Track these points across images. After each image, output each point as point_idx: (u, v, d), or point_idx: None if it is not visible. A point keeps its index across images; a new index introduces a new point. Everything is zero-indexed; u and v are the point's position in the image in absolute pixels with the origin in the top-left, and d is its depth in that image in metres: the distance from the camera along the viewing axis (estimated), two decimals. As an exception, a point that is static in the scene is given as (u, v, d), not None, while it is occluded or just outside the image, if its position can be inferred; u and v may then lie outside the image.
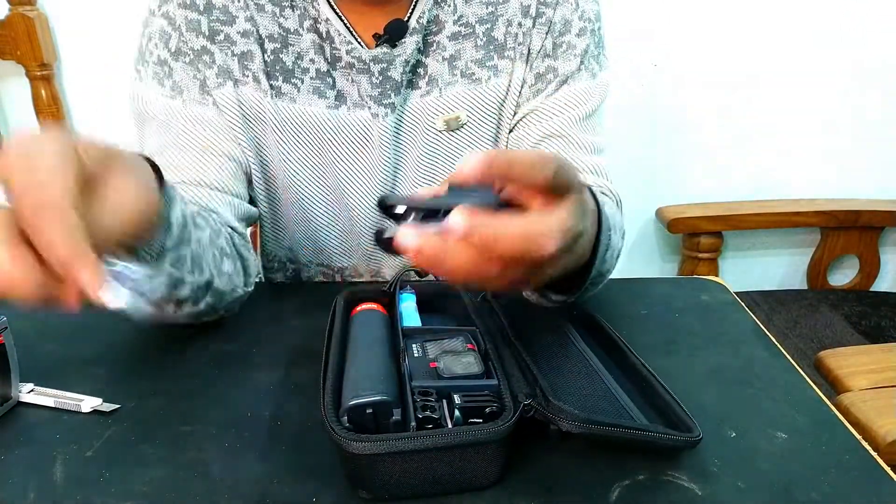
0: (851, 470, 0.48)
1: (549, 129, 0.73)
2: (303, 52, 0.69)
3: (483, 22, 0.71)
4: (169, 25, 0.67)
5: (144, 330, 0.64)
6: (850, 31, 1.51)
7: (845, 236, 1.63)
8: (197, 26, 0.67)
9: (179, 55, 0.68)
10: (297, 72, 0.70)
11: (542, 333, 0.60)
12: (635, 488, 0.46)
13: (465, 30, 0.71)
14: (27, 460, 0.48)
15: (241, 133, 0.70)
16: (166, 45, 0.68)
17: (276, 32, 0.69)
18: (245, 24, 0.68)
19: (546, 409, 0.46)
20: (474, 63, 0.72)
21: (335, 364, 0.50)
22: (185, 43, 0.67)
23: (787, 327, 1.36)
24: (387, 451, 0.42)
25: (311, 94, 0.70)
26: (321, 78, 0.70)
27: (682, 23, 1.49)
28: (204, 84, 0.68)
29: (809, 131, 1.60)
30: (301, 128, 0.72)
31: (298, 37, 0.69)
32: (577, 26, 0.72)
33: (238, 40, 0.68)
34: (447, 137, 0.74)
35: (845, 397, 0.91)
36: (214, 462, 0.48)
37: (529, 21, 0.71)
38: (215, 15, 0.68)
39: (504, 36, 0.71)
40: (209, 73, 0.68)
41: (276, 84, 0.70)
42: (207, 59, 0.68)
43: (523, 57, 0.72)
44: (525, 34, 0.71)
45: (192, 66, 0.68)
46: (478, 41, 0.71)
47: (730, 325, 0.68)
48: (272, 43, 0.69)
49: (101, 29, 1.43)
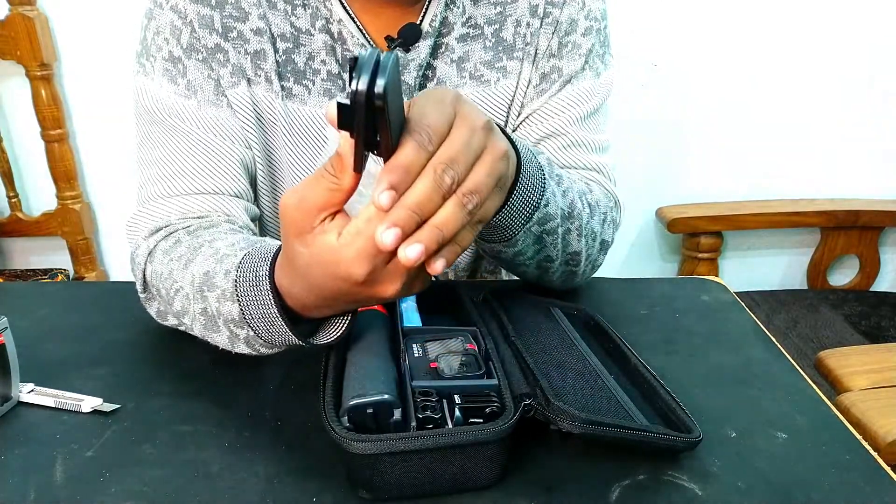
0: (851, 470, 0.48)
1: (550, 129, 0.73)
2: (314, 52, 0.68)
3: (491, 23, 0.71)
4: (179, 20, 0.65)
5: (144, 330, 0.64)
6: (850, 31, 1.51)
7: (845, 236, 1.63)
8: (210, 23, 0.65)
9: (192, 52, 0.65)
10: (308, 73, 0.69)
11: (543, 333, 0.60)
12: (635, 488, 0.46)
13: (474, 31, 0.70)
14: (27, 460, 0.48)
15: (252, 134, 0.69)
16: (178, 40, 0.65)
17: (287, 32, 0.68)
18: (258, 22, 0.67)
19: (546, 410, 0.46)
20: (483, 65, 0.71)
21: (335, 364, 0.50)
22: (198, 40, 0.65)
23: (787, 327, 1.36)
24: (387, 450, 0.42)
25: (322, 97, 0.69)
26: (332, 80, 0.69)
27: (682, 23, 1.49)
28: (218, 84, 0.67)
29: (809, 131, 1.60)
30: (310, 130, 0.71)
31: (310, 37, 0.68)
32: (584, 25, 0.72)
33: (251, 38, 0.66)
34: None
35: (845, 397, 0.91)
36: (214, 462, 0.48)
37: (537, 21, 0.71)
38: (228, 11, 0.66)
39: (513, 36, 0.71)
40: (223, 72, 0.66)
41: (288, 85, 0.69)
42: (221, 57, 0.66)
43: (530, 57, 0.72)
44: (533, 34, 0.71)
45: (205, 64, 0.66)
46: (486, 42, 0.71)
47: (730, 325, 0.68)
48: (284, 42, 0.68)
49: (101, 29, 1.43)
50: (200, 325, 0.55)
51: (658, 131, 1.58)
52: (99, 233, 1.62)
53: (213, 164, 0.66)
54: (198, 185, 0.65)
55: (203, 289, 0.53)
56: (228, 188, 0.67)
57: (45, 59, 1.40)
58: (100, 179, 1.57)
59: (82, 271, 1.58)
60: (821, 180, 1.65)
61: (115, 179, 1.56)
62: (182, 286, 0.55)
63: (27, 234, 1.55)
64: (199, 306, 0.53)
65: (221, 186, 0.66)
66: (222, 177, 0.67)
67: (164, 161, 0.66)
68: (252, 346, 0.52)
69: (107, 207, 1.60)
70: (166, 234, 0.62)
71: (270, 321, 0.49)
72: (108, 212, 1.60)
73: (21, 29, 1.35)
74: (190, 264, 0.55)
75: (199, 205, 0.65)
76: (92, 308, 0.69)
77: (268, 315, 0.49)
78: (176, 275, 0.56)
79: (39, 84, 1.41)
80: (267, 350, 0.53)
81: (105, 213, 1.60)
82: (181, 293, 0.55)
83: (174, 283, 0.56)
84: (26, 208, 1.56)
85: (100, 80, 1.48)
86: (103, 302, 0.70)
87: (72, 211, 1.51)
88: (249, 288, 0.49)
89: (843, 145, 1.62)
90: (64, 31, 1.43)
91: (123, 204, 1.59)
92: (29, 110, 1.44)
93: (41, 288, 0.76)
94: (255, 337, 0.51)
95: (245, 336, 0.51)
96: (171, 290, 0.57)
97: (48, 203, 1.54)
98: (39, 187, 1.55)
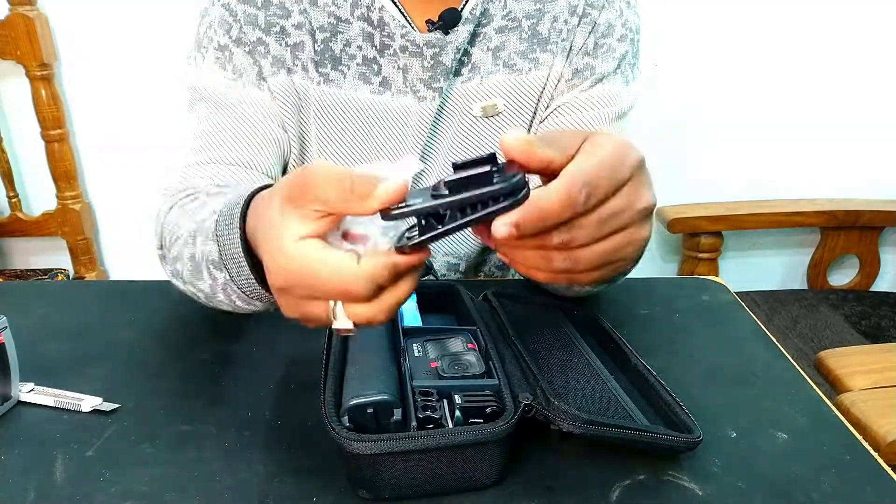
0: (851, 470, 0.48)
1: (577, 121, 0.75)
2: (351, 39, 0.72)
3: (530, 17, 0.73)
4: (230, 16, 0.71)
5: (144, 330, 0.64)
6: (849, 31, 1.51)
7: (845, 236, 1.63)
8: (254, 20, 0.71)
9: (240, 43, 0.71)
10: (344, 59, 0.72)
11: (543, 333, 0.60)
12: (635, 488, 0.46)
13: (512, 23, 0.73)
14: (27, 460, 0.48)
15: (290, 120, 0.73)
16: (227, 32, 0.71)
17: (326, 23, 0.71)
18: (299, 17, 0.71)
19: (546, 410, 0.46)
20: (517, 54, 0.74)
21: (336, 364, 0.50)
22: (245, 34, 0.71)
23: (787, 327, 1.36)
24: (387, 450, 0.42)
25: (357, 80, 0.73)
26: (367, 64, 0.72)
27: (683, 23, 1.49)
28: (260, 72, 0.71)
29: (809, 131, 1.60)
30: (345, 112, 0.73)
31: (348, 24, 0.71)
32: (619, 32, 0.74)
33: (292, 32, 0.71)
34: (482, 124, 0.75)
35: (845, 397, 0.91)
36: (214, 462, 0.48)
37: (575, 19, 0.73)
38: (272, 10, 0.71)
39: (548, 31, 0.73)
40: (264, 63, 0.71)
41: (325, 71, 0.72)
42: (263, 49, 0.71)
43: (564, 52, 0.74)
44: (570, 31, 0.73)
45: (250, 55, 0.71)
46: (522, 34, 0.73)
47: (730, 325, 0.68)
48: (322, 33, 0.71)
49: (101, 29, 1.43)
50: (188, 272, 0.56)
51: (658, 131, 1.58)
52: (99, 233, 1.62)
53: (249, 137, 0.71)
54: (233, 156, 0.70)
55: (196, 233, 0.54)
56: (260, 164, 0.71)
57: (45, 59, 1.40)
58: (100, 179, 1.57)
59: (82, 271, 1.58)
60: (821, 180, 1.65)
61: (115, 179, 1.56)
62: (182, 234, 0.57)
63: (27, 234, 1.55)
64: (189, 251, 0.55)
65: (254, 161, 0.71)
66: (256, 152, 0.71)
67: (206, 134, 0.71)
68: (229, 295, 0.53)
69: (107, 207, 1.60)
70: (189, 194, 0.65)
71: (239, 262, 0.49)
72: (108, 212, 1.60)
73: (21, 29, 1.35)
74: (195, 214, 0.57)
75: (230, 174, 0.69)
76: (92, 308, 0.69)
77: (237, 254, 0.49)
78: (181, 222, 0.58)
79: (39, 84, 1.41)
80: (244, 304, 0.53)
81: (105, 213, 1.60)
82: (180, 240, 0.57)
83: (178, 229, 0.58)
84: (26, 208, 1.56)
85: (100, 80, 1.48)
86: (103, 302, 0.70)
87: (72, 211, 1.51)
88: (225, 227, 0.50)
89: (843, 145, 1.62)
90: (64, 31, 1.43)
91: (123, 204, 1.59)
92: (29, 110, 1.44)
93: (41, 288, 0.76)
94: (230, 282, 0.51)
95: (223, 282, 0.52)
96: (173, 238, 0.58)
97: (48, 203, 1.54)
98: (39, 187, 1.55)
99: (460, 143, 0.76)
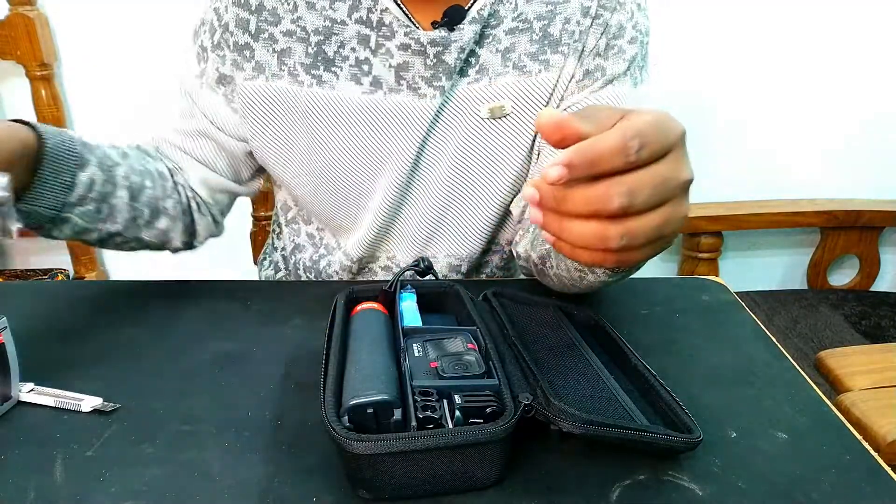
0: (851, 470, 0.48)
1: None
2: (345, 41, 0.72)
3: (541, 18, 0.73)
4: (217, 21, 0.74)
5: (144, 330, 0.64)
6: (849, 31, 1.51)
7: (845, 236, 1.63)
8: (245, 25, 0.73)
9: (217, 49, 0.75)
10: (337, 60, 0.73)
11: (543, 333, 0.60)
12: (635, 488, 0.46)
13: (523, 25, 0.73)
14: (27, 460, 0.48)
15: (258, 126, 0.76)
16: (212, 37, 0.75)
17: (321, 26, 0.72)
18: (289, 25, 0.72)
19: (546, 410, 0.46)
20: (527, 56, 0.73)
21: (335, 364, 0.50)
22: (225, 40, 0.74)
23: (787, 327, 1.36)
24: (387, 451, 0.42)
25: (349, 81, 0.73)
26: (359, 65, 0.73)
27: (682, 23, 1.49)
28: (231, 79, 0.75)
29: (809, 131, 1.60)
30: (336, 112, 0.74)
31: (343, 27, 0.72)
32: (630, 34, 0.74)
33: (280, 38, 0.73)
34: (489, 125, 0.75)
35: (845, 397, 0.91)
36: (214, 462, 0.48)
37: (588, 20, 0.73)
38: (264, 16, 0.72)
39: (560, 32, 0.73)
40: (247, 66, 0.74)
41: (317, 73, 0.73)
42: (248, 53, 0.73)
43: (576, 53, 0.73)
44: (583, 32, 0.73)
45: (223, 60, 0.75)
46: (533, 35, 0.73)
47: (730, 325, 0.68)
48: (316, 36, 0.72)
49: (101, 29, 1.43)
50: None
51: (658, 131, 1.58)
52: (99, 233, 1.62)
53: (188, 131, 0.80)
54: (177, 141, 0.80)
55: None
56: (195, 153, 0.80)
57: (45, 59, 1.40)
58: (100, 179, 1.57)
59: (82, 271, 1.58)
60: (821, 180, 1.65)
61: (115, 179, 1.55)
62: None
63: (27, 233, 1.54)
64: None
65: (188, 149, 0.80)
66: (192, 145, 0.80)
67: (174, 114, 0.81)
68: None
69: (107, 207, 1.60)
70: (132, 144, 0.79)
71: None
72: (108, 212, 1.60)
73: (21, 29, 1.36)
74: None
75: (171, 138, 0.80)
76: (92, 308, 0.69)
77: None
78: None
79: (39, 84, 1.41)
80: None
81: (105, 213, 1.60)
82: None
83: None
84: (26, 208, 1.56)
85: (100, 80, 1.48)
86: (103, 302, 0.70)
87: (72, 211, 1.51)
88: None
89: (844, 145, 1.62)
90: (64, 31, 1.43)
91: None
92: (29, 110, 1.44)
93: (41, 288, 0.75)
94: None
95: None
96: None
97: (48, 203, 1.54)
98: (39, 187, 1.55)
99: (467, 144, 0.76)
